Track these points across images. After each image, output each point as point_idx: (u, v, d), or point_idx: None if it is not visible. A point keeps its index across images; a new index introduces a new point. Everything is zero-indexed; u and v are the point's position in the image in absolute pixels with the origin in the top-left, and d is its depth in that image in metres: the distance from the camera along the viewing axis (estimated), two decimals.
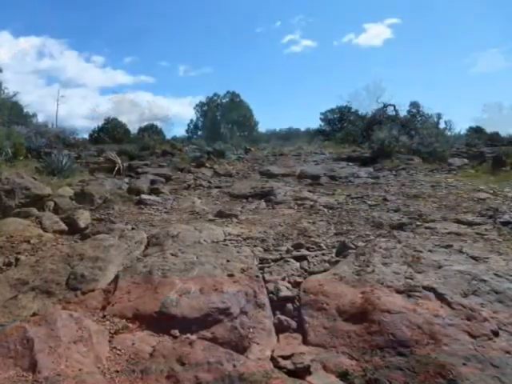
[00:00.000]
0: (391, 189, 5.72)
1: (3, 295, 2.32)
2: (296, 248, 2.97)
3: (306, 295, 2.13)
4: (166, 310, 1.97)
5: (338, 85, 57.89)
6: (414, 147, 10.18)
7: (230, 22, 63.58)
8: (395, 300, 1.93)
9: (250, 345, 1.79)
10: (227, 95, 25.65)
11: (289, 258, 2.73)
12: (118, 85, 51.32)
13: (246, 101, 25.46)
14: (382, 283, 2.12)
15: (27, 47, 47.88)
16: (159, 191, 5.91)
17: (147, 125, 19.54)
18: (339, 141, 16.35)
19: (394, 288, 2.06)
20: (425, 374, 1.46)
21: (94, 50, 73.86)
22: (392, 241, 2.88)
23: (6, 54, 38.44)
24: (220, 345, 1.74)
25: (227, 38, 63.34)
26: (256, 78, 56.41)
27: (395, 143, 10.20)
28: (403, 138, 10.84)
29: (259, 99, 53.06)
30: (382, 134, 10.43)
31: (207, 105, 25.65)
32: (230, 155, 10.96)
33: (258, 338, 1.84)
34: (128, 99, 23.59)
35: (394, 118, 15.42)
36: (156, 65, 56.00)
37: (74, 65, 52.08)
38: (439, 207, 4.28)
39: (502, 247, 2.75)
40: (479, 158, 8.49)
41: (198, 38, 60.35)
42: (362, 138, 14.32)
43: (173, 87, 60.86)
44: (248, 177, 7.83)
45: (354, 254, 2.63)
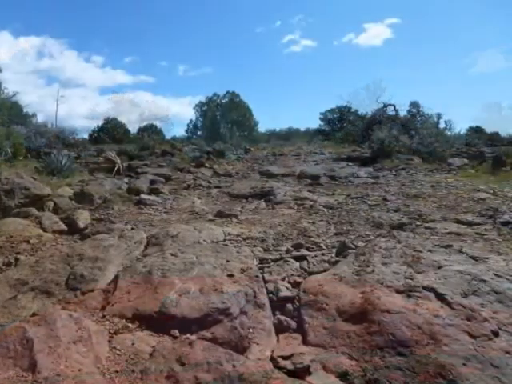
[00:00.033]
0: (391, 189, 5.71)
1: (3, 295, 2.32)
2: (296, 248, 2.96)
3: (306, 295, 2.13)
4: (165, 310, 1.96)
5: (338, 85, 57.90)
6: (413, 147, 10.18)
7: (230, 22, 63.58)
8: (395, 300, 1.93)
9: (249, 345, 1.79)
10: (227, 95, 25.66)
11: (288, 258, 2.72)
12: (117, 85, 51.32)
13: (246, 101, 25.49)
14: (381, 283, 2.11)
15: (27, 47, 47.90)
16: (159, 191, 5.91)
17: (147, 125, 19.60)
18: (339, 141, 16.36)
19: (393, 288, 2.06)
20: (425, 375, 1.46)
21: (94, 50, 73.87)
22: (392, 241, 2.88)
23: (6, 53, 38.46)
24: (220, 345, 1.74)
25: (227, 37, 63.36)
26: (256, 78, 56.42)
27: (395, 143, 10.20)
28: (403, 137, 10.83)
29: (259, 99, 53.15)
30: (382, 134, 10.43)
31: (207, 105, 25.63)
32: (230, 155, 10.96)
33: (257, 339, 1.84)
34: (128, 99, 23.67)
35: (394, 118, 15.42)
36: (156, 65, 56.05)
37: (73, 65, 52.08)
38: (439, 207, 4.28)
39: (501, 247, 2.75)
40: (479, 158, 8.50)
41: (198, 37, 60.32)
42: (361, 138, 14.32)
43: (172, 87, 60.89)
44: (248, 177, 7.83)
45: (354, 254, 2.62)
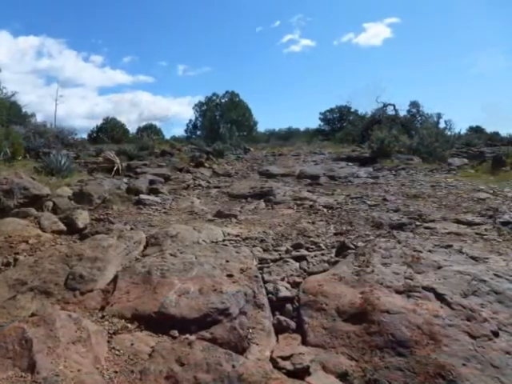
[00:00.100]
0: (391, 189, 5.71)
1: (1, 295, 2.31)
2: (295, 248, 2.96)
3: (306, 295, 2.13)
4: (165, 311, 1.96)
5: (338, 85, 58.03)
6: (413, 147, 10.20)
7: (230, 21, 63.76)
8: (395, 300, 1.93)
9: (249, 345, 1.79)
10: (226, 95, 25.63)
11: (288, 259, 2.72)
12: (116, 84, 51.48)
13: (245, 100, 25.44)
14: (381, 283, 2.11)
15: (26, 47, 47.93)
16: (158, 191, 5.89)
17: (146, 124, 19.65)
18: (339, 141, 16.39)
19: (393, 288, 2.05)
20: (425, 375, 1.46)
21: (93, 50, 73.97)
22: (392, 241, 2.88)
23: (5, 53, 38.33)
24: (219, 345, 1.73)
25: (226, 37, 63.49)
26: (255, 78, 56.55)
27: (395, 143, 10.21)
28: (403, 137, 10.86)
29: (258, 99, 53.28)
30: (382, 134, 10.44)
31: (206, 104, 25.60)
32: (229, 155, 10.97)
33: (257, 339, 1.84)
34: (127, 99, 23.71)
35: (394, 118, 15.46)
36: (155, 64, 56.19)
37: (72, 64, 52.15)
38: (439, 207, 4.27)
39: (501, 247, 2.75)
40: (479, 158, 8.51)
41: (197, 37, 60.48)
42: (361, 138, 14.34)
43: (172, 87, 61.04)
44: (247, 177, 7.83)
45: (354, 254, 2.62)
